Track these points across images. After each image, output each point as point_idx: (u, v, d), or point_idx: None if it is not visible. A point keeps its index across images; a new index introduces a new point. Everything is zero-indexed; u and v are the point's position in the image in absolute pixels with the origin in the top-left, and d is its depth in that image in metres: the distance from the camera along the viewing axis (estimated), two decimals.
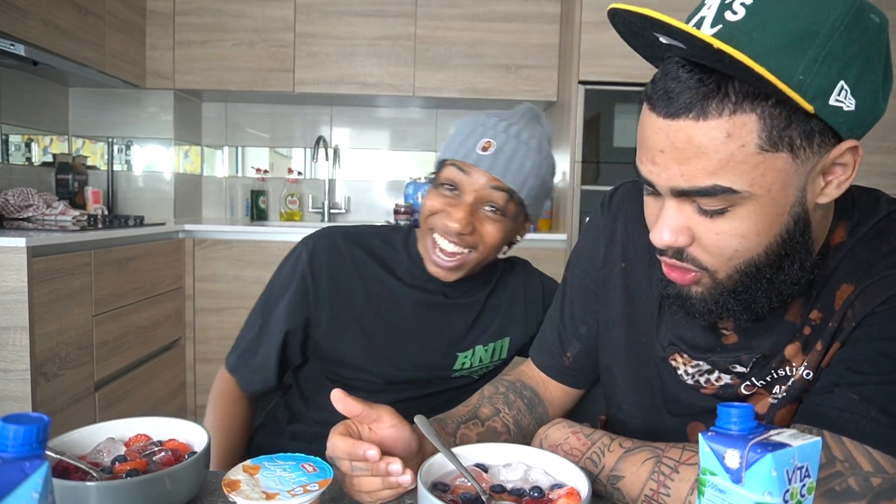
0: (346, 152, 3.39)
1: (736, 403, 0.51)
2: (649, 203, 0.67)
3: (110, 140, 3.11)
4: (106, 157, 3.13)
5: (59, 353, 1.95)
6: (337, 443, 0.67)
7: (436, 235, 1.02)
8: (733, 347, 0.74)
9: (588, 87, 2.65)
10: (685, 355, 0.77)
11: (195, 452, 0.68)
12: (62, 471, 0.65)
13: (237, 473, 0.62)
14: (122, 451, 0.70)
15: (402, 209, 3.03)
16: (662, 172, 0.60)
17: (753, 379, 0.73)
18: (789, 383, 0.71)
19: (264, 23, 2.93)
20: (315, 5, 2.94)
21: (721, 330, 0.75)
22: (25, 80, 2.73)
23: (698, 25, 0.57)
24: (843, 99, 0.55)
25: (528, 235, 1.13)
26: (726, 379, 0.75)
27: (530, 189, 1.02)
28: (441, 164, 1.04)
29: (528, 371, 0.95)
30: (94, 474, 0.64)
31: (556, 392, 0.94)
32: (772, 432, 0.50)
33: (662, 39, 0.57)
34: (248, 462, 0.65)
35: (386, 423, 0.69)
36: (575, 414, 0.99)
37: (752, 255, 0.62)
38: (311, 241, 1.10)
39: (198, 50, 2.93)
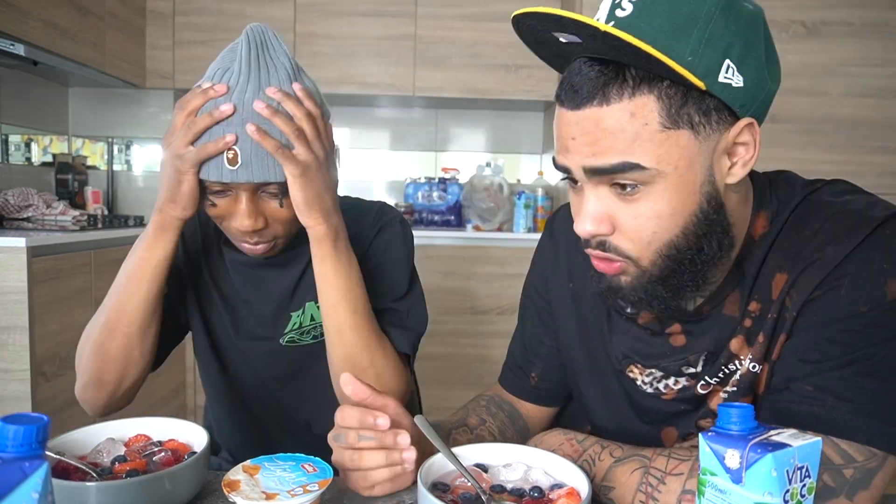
0: (346, 152, 3.39)
1: (736, 403, 0.51)
2: (572, 198, 0.70)
3: (110, 140, 3.11)
4: (106, 156, 3.13)
5: (59, 353, 1.96)
6: (348, 411, 0.69)
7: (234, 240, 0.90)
8: (681, 350, 0.75)
9: None
10: (639, 365, 0.78)
11: (195, 452, 0.68)
12: (62, 471, 0.65)
13: (237, 474, 0.62)
14: (122, 451, 0.70)
15: (403, 209, 3.04)
16: (575, 156, 0.64)
17: (707, 378, 0.73)
18: (737, 377, 0.72)
19: (264, 23, 2.92)
20: (315, 5, 2.94)
21: (668, 334, 0.76)
22: (25, 80, 2.73)
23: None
24: (730, 76, 0.60)
25: (528, 235, 1.10)
26: (682, 382, 0.75)
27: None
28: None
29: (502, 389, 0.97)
30: (94, 474, 0.64)
31: (531, 410, 0.94)
32: (772, 432, 0.50)
33: (562, 38, 0.62)
34: (247, 462, 0.65)
35: (391, 411, 0.70)
36: (567, 417, 1.00)
37: (671, 237, 0.64)
38: None
39: (198, 50, 2.93)
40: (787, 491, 0.47)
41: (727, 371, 0.72)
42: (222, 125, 0.80)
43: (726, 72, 0.59)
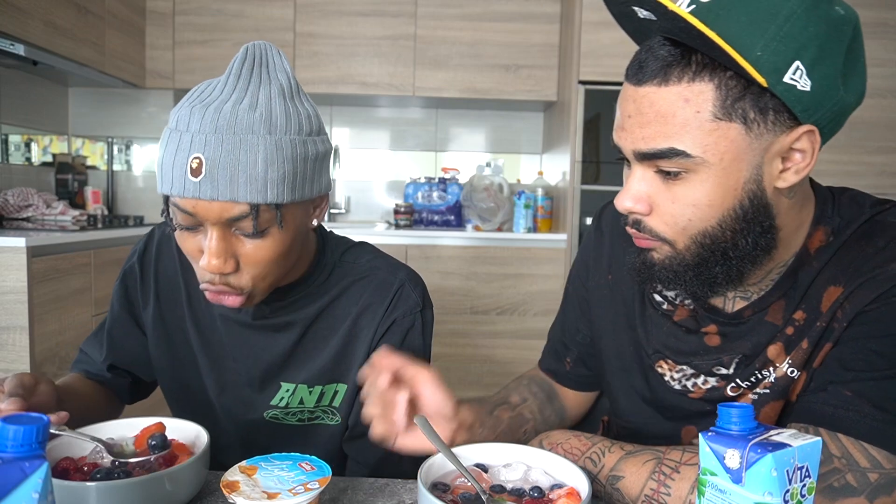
0: (346, 152, 3.39)
1: (736, 403, 0.51)
2: (625, 176, 0.71)
3: (110, 140, 3.11)
4: (106, 156, 3.13)
5: (59, 353, 1.96)
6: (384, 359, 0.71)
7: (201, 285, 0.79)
8: (716, 350, 0.75)
9: (588, 87, 2.65)
10: (670, 361, 0.79)
11: (195, 452, 0.68)
12: (62, 471, 0.65)
13: (234, 474, 0.62)
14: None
15: (402, 209, 3.03)
16: (628, 137, 0.65)
17: (738, 380, 0.74)
18: (772, 380, 0.72)
19: (264, 22, 2.93)
20: (315, 5, 2.94)
21: (703, 333, 0.76)
22: (25, 80, 2.73)
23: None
24: (797, 78, 0.58)
25: (528, 235, 1.09)
26: (712, 382, 0.76)
27: (278, 181, 0.73)
28: (166, 198, 0.76)
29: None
30: (102, 447, 0.64)
31: (568, 393, 0.96)
32: (772, 432, 0.50)
33: (640, 13, 0.62)
34: (243, 463, 0.65)
35: (425, 379, 0.71)
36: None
37: (706, 227, 0.65)
38: (149, 233, 0.96)
39: (198, 50, 2.93)
40: (787, 491, 0.47)
41: (759, 376, 0.73)
42: (189, 134, 0.71)
43: (794, 73, 0.58)
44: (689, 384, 0.77)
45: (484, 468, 0.68)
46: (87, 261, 2.11)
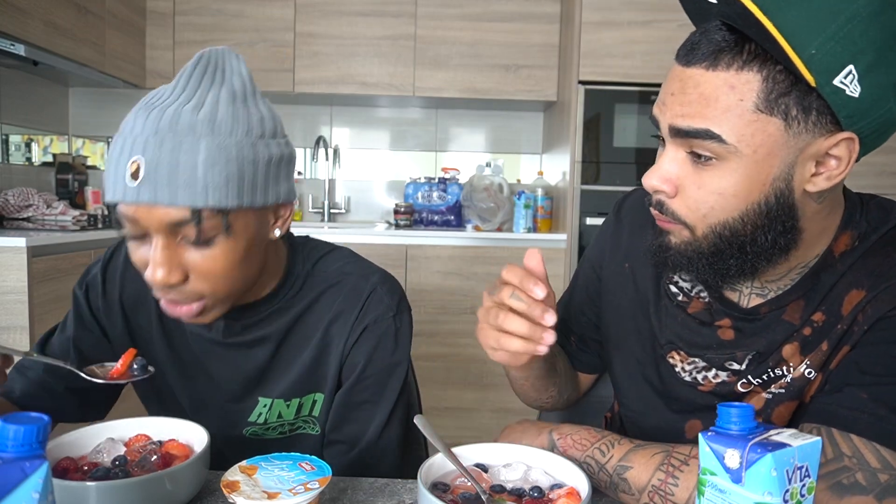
0: (346, 152, 3.39)
1: (736, 403, 0.51)
2: (658, 154, 0.70)
3: (110, 140, 3.10)
4: (106, 157, 3.13)
5: None
6: (515, 269, 0.67)
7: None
8: (729, 345, 0.75)
9: (588, 87, 2.65)
10: (682, 352, 0.78)
11: (195, 452, 0.68)
12: (62, 471, 0.65)
13: (234, 474, 0.62)
14: (122, 451, 0.70)
15: (402, 209, 3.03)
16: (667, 111, 0.65)
17: (750, 377, 0.74)
18: (788, 380, 0.72)
19: (264, 23, 2.93)
20: (315, 5, 2.94)
21: (717, 327, 0.76)
22: (25, 80, 2.73)
23: None
24: (848, 83, 0.56)
25: (528, 235, 1.07)
26: (723, 376, 0.76)
27: (221, 184, 0.68)
28: (113, 207, 0.73)
29: None
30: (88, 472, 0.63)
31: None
32: (772, 432, 0.50)
33: None
34: (243, 463, 0.65)
35: (549, 301, 0.68)
36: (579, 412, 1.01)
37: (727, 217, 0.65)
38: (118, 243, 0.92)
39: (198, 50, 2.91)
40: (787, 491, 0.47)
41: (772, 374, 0.72)
42: (131, 137, 0.68)
43: (845, 77, 0.56)
44: (699, 377, 0.77)
45: (484, 468, 0.68)
46: (87, 261, 2.11)
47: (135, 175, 0.67)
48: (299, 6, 2.93)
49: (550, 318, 0.64)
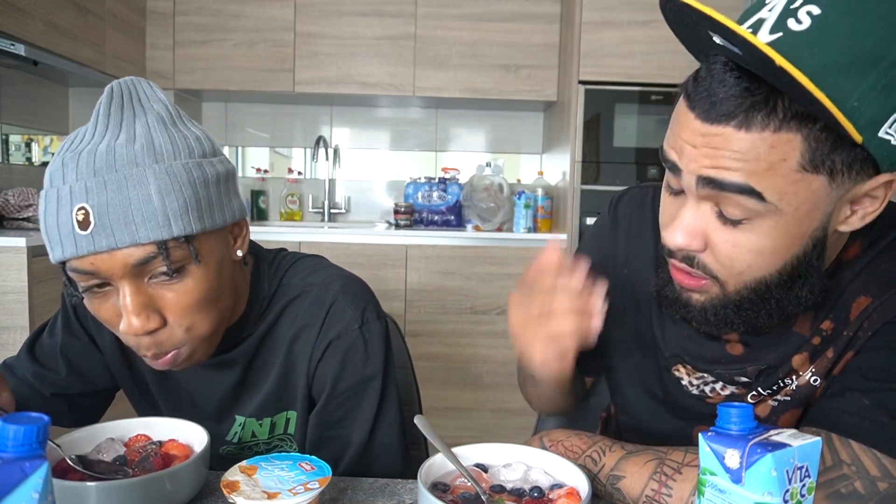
0: (346, 152, 3.39)
1: (736, 403, 0.51)
2: (667, 202, 0.65)
3: None
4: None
5: None
6: (542, 275, 0.67)
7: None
8: (739, 359, 0.73)
9: (588, 87, 2.65)
10: (688, 366, 0.76)
11: (195, 452, 0.68)
12: (62, 471, 0.65)
13: (234, 474, 0.62)
14: (122, 451, 0.70)
15: (402, 209, 3.03)
16: (692, 162, 0.58)
17: (760, 389, 0.72)
18: (793, 387, 0.71)
19: (264, 23, 2.93)
20: (315, 5, 2.94)
21: (725, 341, 0.74)
22: (25, 80, 2.73)
23: (755, 28, 0.53)
24: (892, 132, 0.52)
25: (528, 235, 1.05)
26: (732, 389, 0.74)
27: (181, 211, 0.66)
28: (62, 266, 0.68)
29: None
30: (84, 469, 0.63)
31: None
32: (772, 432, 0.50)
33: (716, 39, 0.53)
34: (243, 463, 0.65)
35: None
36: (576, 411, 1.00)
37: (764, 274, 0.61)
38: None
39: (198, 50, 2.93)
40: (787, 491, 0.47)
41: (782, 385, 0.71)
42: (66, 187, 0.64)
43: (889, 126, 0.51)
44: (707, 389, 0.76)
45: (484, 468, 0.68)
46: None
47: (83, 225, 0.63)
48: (299, 6, 2.93)
49: (597, 299, 0.65)
